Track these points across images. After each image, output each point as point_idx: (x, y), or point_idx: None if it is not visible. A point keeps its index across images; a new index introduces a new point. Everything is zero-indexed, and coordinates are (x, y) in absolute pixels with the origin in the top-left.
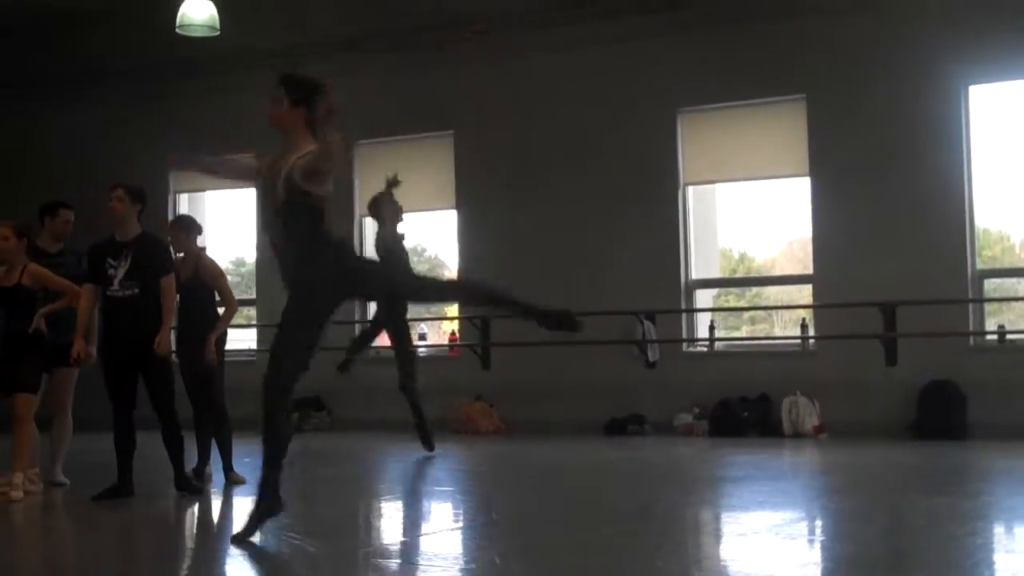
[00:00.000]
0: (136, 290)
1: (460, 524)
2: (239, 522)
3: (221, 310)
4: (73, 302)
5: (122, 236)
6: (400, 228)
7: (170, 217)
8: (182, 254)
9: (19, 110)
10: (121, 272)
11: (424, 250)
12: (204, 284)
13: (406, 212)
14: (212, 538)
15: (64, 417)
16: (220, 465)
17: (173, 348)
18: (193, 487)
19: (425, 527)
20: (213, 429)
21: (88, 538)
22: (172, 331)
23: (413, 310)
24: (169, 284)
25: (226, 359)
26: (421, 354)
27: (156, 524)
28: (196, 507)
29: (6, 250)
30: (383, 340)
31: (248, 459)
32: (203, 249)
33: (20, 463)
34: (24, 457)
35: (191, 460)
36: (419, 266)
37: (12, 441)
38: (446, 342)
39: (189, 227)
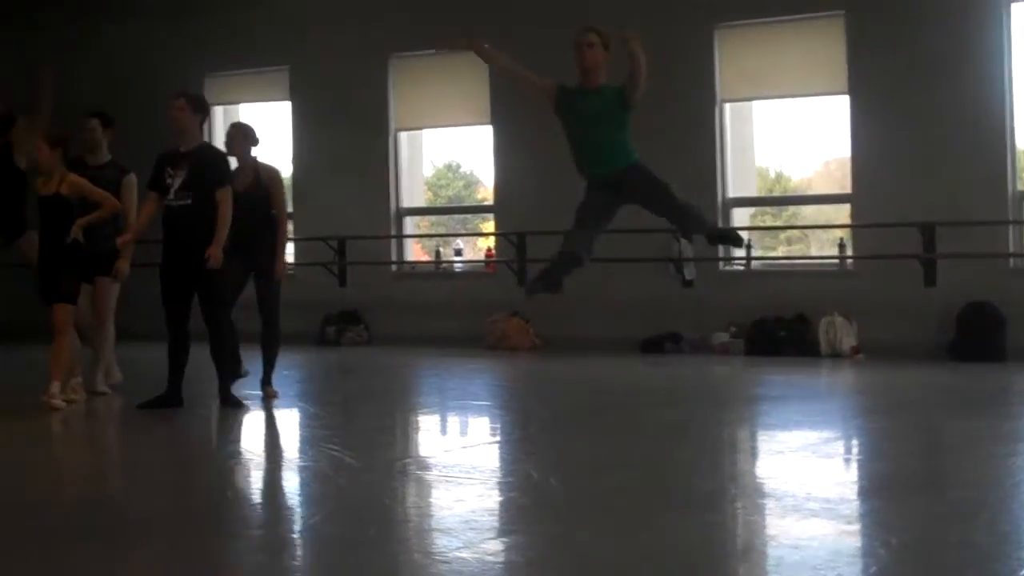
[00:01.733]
0: (189, 200)
1: (497, 438)
2: (281, 433)
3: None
4: (110, 213)
5: (184, 146)
6: None
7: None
8: (236, 163)
9: (70, 21)
10: (178, 182)
11: (459, 166)
12: (264, 194)
13: (437, 127)
14: (252, 450)
15: (104, 327)
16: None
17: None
18: (235, 400)
19: (462, 440)
20: (265, 342)
21: (127, 447)
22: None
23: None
24: (225, 197)
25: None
26: (457, 270)
27: (197, 435)
28: (240, 419)
29: (41, 160)
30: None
31: (287, 372)
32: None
33: (57, 372)
34: (61, 367)
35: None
36: (455, 183)
37: (51, 351)
38: (482, 258)
39: (248, 135)
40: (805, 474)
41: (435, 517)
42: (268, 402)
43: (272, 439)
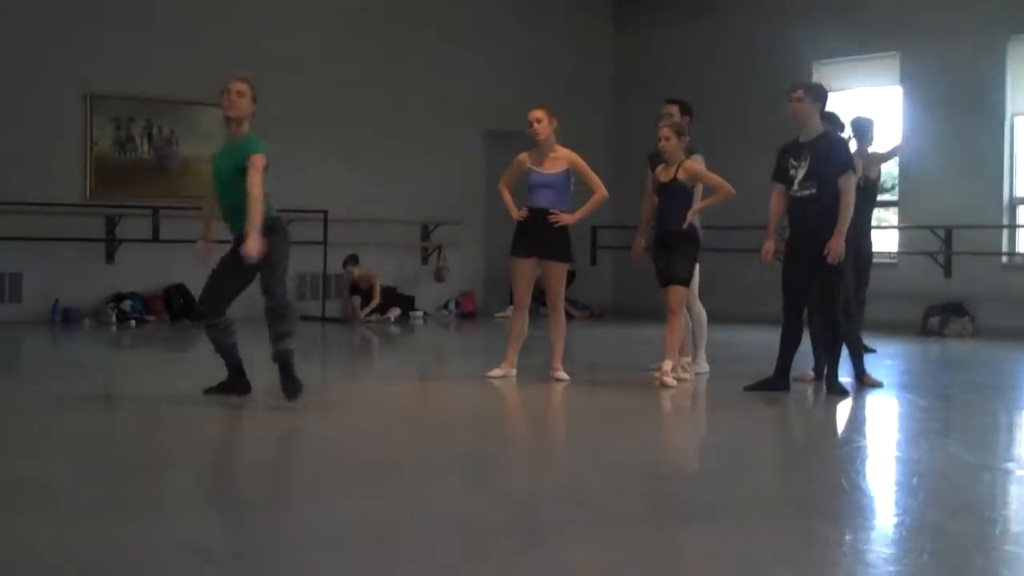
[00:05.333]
0: (813, 190)
1: None
2: (889, 424)
3: None
4: (724, 198)
5: (804, 136)
6: None
7: None
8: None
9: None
10: (801, 173)
11: None
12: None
13: None
14: (859, 439)
15: (693, 309)
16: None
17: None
18: (840, 389)
19: None
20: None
21: (728, 427)
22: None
23: None
24: (847, 184)
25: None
26: None
27: (800, 418)
28: (843, 406)
29: (668, 149)
30: None
31: (889, 361)
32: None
33: (670, 351)
34: (673, 346)
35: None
36: None
37: (665, 331)
38: None
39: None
40: None
41: None
42: (862, 391)
43: (880, 429)
